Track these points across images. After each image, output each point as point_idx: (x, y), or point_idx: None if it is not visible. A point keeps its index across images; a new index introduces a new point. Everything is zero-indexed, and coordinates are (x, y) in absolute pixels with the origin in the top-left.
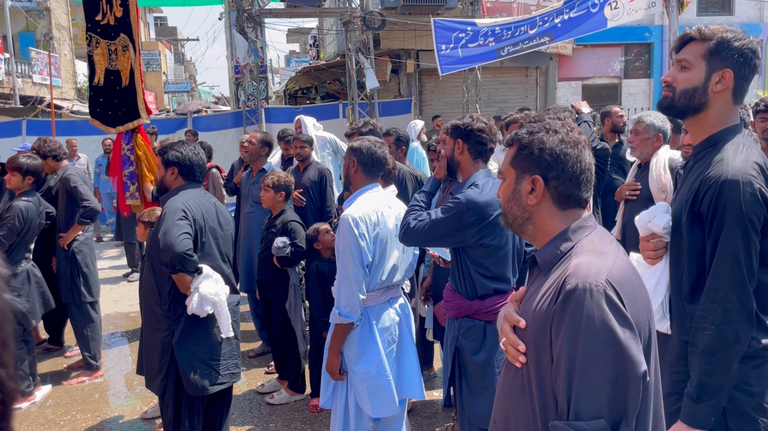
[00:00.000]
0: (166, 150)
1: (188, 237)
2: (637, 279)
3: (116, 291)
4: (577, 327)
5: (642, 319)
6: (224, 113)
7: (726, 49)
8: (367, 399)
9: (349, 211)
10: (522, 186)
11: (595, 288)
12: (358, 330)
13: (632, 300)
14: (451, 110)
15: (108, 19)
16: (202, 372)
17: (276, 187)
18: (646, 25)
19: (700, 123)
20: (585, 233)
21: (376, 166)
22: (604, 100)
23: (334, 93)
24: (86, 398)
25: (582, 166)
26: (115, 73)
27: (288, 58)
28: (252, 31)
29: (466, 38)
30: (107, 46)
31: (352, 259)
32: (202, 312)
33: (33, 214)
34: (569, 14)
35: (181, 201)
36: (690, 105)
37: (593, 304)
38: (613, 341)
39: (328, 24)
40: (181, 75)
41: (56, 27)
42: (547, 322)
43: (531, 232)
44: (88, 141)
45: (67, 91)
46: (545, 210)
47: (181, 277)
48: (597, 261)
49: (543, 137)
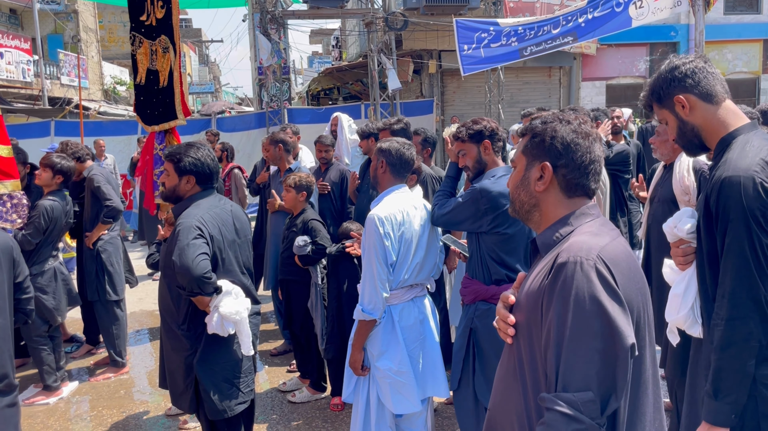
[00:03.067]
0: (180, 157)
1: (205, 259)
2: (632, 263)
3: (141, 289)
4: (567, 299)
5: (634, 299)
6: (248, 114)
7: (660, 88)
8: (389, 395)
9: (375, 211)
10: (531, 172)
11: (585, 262)
12: (381, 327)
13: (624, 279)
14: (473, 110)
15: (151, 19)
16: (226, 391)
17: (298, 186)
18: (672, 24)
19: (710, 142)
20: (587, 219)
21: (404, 167)
22: (629, 100)
23: (356, 94)
24: (112, 394)
25: (591, 156)
26: (154, 73)
27: (310, 59)
28: (275, 33)
29: (488, 38)
30: (150, 46)
31: (377, 258)
32: (223, 332)
33: (58, 213)
34: (593, 13)
35: (195, 216)
36: (689, 140)
37: (583, 277)
38: (601, 312)
39: (350, 25)
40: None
41: (84, 29)
42: (539, 298)
43: (537, 219)
44: (115, 141)
45: (95, 92)
46: (552, 197)
47: (199, 299)
48: (591, 239)
49: (556, 126)
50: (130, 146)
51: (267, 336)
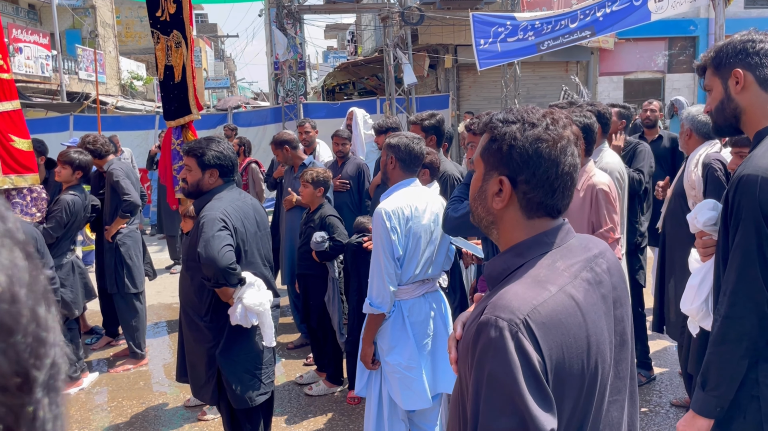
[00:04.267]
0: (203, 151)
1: (230, 250)
2: (575, 318)
3: (159, 282)
4: (483, 370)
5: (573, 362)
6: (263, 109)
7: (725, 54)
8: (399, 390)
9: (383, 205)
10: (489, 185)
11: (507, 327)
12: (391, 322)
13: (559, 344)
14: (489, 105)
15: (165, 15)
16: (248, 382)
17: (315, 182)
18: (691, 18)
19: (747, 129)
20: (540, 251)
21: (414, 161)
22: (647, 95)
23: (372, 88)
24: (132, 385)
25: (559, 170)
26: (170, 68)
27: (326, 53)
28: (291, 28)
29: (505, 33)
30: (165, 41)
31: (383, 252)
32: (247, 323)
33: (79, 207)
34: (611, 7)
35: (219, 209)
36: (726, 118)
37: (500, 350)
38: (515, 395)
39: (366, 19)
40: (221, 71)
41: (101, 24)
42: (468, 349)
43: (495, 237)
44: (132, 136)
45: (112, 87)
46: (510, 216)
47: (223, 290)
48: (527, 293)
49: (516, 131)
50: (147, 140)
51: (283, 330)
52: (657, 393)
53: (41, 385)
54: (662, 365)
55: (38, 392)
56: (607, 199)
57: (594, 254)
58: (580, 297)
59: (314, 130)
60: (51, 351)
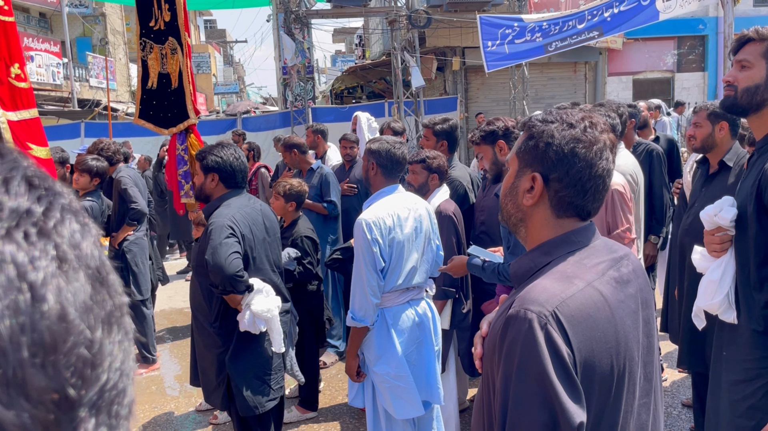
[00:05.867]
0: (205, 155)
1: (238, 257)
2: (604, 313)
3: (170, 287)
4: (512, 363)
5: (602, 358)
6: (272, 113)
7: None
8: (390, 400)
9: (363, 215)
10: (521, 181)
11: (536, 319)
12: (375, 331)
13: (587, 337)
14: (498, 107)
15: (159, 23)
16: (257, 388)
17: (287, 195)
18: (700, 17)
19: (762, 119)
20: (567, 249)
21: (396, 167)
22: (656, 94)
23: (380, 92)
24: (143, 390)
25: (592, 171)
26: (165, 76)
27: (334, 57)
28: (299, 33)
29: (512, 34)
30: (159, 50)
31: (365, 264)
32: (255, 329)
33: (97, 213)
34: (619, 7)
35: (227, 215)
36: (753, 102)
37: (529, 341)
38: (546, 386)
39: (373, 23)
40: (230, 76)
41: (111, 32)
42: (494, 346)
43: (523, 235)
44: (143, 142)
45: (122, 93)
46: (540, 214)
47: (231, 297)
48: (555, 286)
49: (554, 130)
50: (157, 146)
51: None
52: (669, 394)
53: (86, 405)
54: (674, 365)
55: (81, 411)
56: (622, 200)
57: (620, 255)
58: (608, 293)
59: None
60: (104, 375)
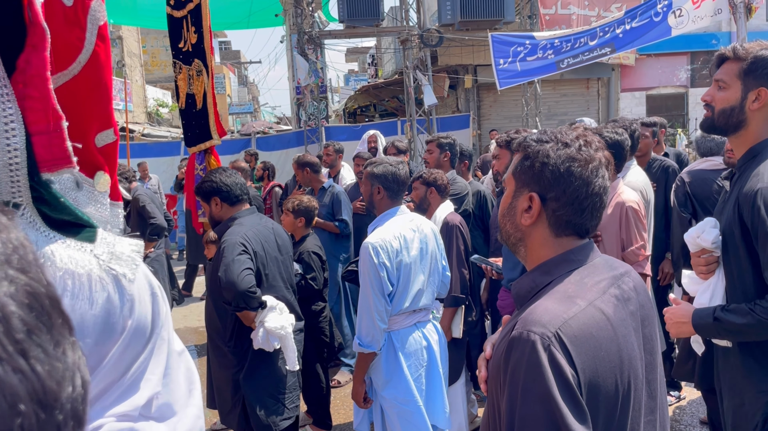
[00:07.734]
0: (200, 187)
1: (250, 274)
2: (607, 332)
3: (185, 307)
4: (516, 386)
5: (606, 377)
6: (286, 133)
7: (761, 67)
8: (398, 424)
9: (370, 239)
10: (519, 202)
11: (539, 341)
12: (383, 355)
13: (591, 358)
14: (510, 124)
15: (187, 45)
16: (272, 407)
17: (296, 212)
18: (713, 32)
19: (741, 140)
20: (567, 268)
21: (401, 188)
22: (670, 110)
23: (393, 110)
24: None
25: (589, 189)
26: (191, 96)
27: (347, 77)
28: (312, 53)
29: (524, 52)
30: (187, 71)
31: (372, 289)
32: (269, 347)
33: None
34: (631, 24)
35: (239, 233)
36: (729, 124)
37: (533, 364)
38: (552, 409)
39: (386, 43)
40: (244, 97)
41: (128, 54)
42: (500, 367)
43: (523, 255)
44: (158, 162)
45: (139, 115)
46: (539, 233)
47: (245, 314)
48: (557, 307)
49: (549, 149)
50: (173, 167)
51: None
52: (687, 413)
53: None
54: (691, 384)
55: None
56: (636, 217)
57: (620, 272)
58: (610, 311)
59: (336, 153)
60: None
